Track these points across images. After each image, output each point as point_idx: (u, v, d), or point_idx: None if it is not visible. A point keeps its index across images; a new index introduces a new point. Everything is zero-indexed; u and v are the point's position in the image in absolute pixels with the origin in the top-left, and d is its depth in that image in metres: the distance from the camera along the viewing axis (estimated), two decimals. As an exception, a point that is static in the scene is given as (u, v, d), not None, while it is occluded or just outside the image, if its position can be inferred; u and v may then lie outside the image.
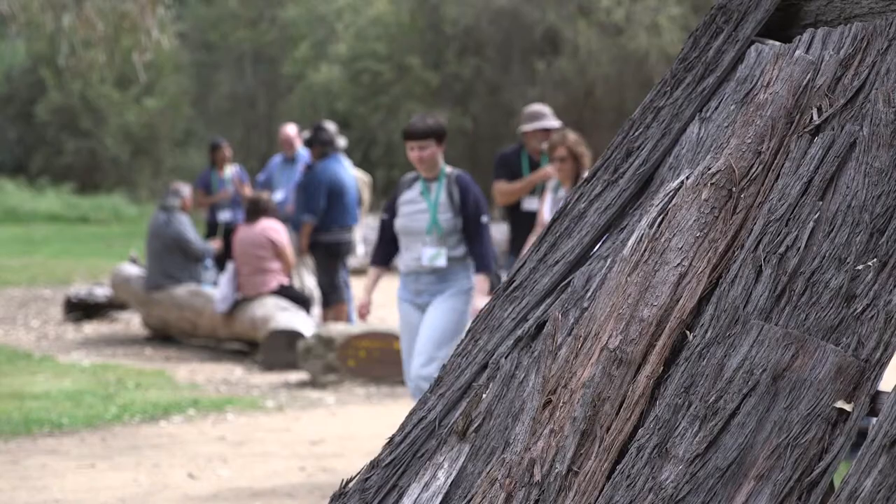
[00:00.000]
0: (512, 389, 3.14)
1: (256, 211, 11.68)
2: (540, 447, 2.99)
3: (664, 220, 3.11)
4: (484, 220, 7.33)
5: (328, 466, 7.53)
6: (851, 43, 3.12)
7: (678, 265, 3.03)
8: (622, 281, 3.08)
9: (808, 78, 3.13)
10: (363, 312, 7.66)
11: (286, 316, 11.09)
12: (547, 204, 8.60)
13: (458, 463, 3.12)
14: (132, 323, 13.78)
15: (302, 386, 10.16)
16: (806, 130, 3.07)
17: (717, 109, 3.25)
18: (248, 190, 13.81)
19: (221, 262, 13.00)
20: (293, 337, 10.80)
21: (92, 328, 13.59)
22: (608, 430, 2.94)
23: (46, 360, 11.35)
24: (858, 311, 2.83)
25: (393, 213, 7.41)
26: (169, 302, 12.28)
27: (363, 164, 24.03)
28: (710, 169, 3.10)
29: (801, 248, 2.92)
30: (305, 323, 11.01)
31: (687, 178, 3.15)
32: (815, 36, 3.19)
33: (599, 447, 2.93)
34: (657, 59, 24.70)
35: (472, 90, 28.34)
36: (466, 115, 28.06)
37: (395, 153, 27.40)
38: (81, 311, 14.01)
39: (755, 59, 3.25)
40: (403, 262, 7.37)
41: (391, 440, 3.22)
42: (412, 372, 7.21)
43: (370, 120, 28.61)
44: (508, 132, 23.49)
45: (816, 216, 2.94)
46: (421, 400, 3.26)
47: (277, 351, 10.90)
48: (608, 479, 2.90)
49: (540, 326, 3.20)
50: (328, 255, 11.69)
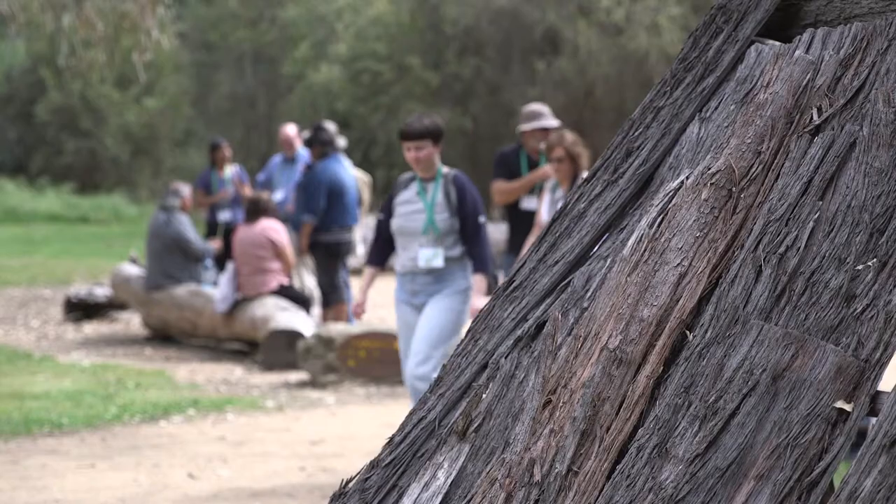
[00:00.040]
0: (512, 389, 3.14)
1: (256, 211, 11.68)
2: (540, 447, 2.99)
3: (664, 220, 3.11)
4: (481, 220, 7.31)
5: (328, 466, 7.53)
6: (851, 43, 3.13)
7: (678, 265, 3.03)
8: (622, 281, 3.08)
9: (808, 78, 3.13)
10: (358, 312, 7.64)
11: (286, 316, 11.09)
12: (545, 204, 8.58)
13: (458, 463, 3.12)
14: (132, 323, 13.78)
15: (302, 386, 10.16)
16: (806, 130, 3.07)
17: (716, 109, 3.26)
18: (247, 190, 13.81)
19: (221, 262, 13.00)
20: (293, 337, 10.80)
21: (92, 328, 13.59)
22: (608, 430, 2.94)
23: (46, 360, 11.35)
24: (858, 311, 2.83)
25: (389, 213, 7.36)
26: (169, 302, 12.28)
27: (363, 164, 24.04)
28: (710, 169, 3.11)
29: (801, 248, 2.92)
30: (305, 323, 11.01)
31: (687, 178, 3.15)
32: (814, 36, 3.19)
33: (599, 447, 2.93)
34: (657, 59, 24.70)
35: (472, 90, 28.34)
36: (466, 115, 28.06)
37: (395, 153, 27.39)
38: (81, 311, 14.01)
39: (755, 59, 3.25)
40: (400, 262, 7.33)
41: (391, 440, 3.22)
42: (407, 371, 7.20)
43: (370, 120, 28.61)
44: (508, 132, 23.47)
45: (816, 216, 2.94)
46: (421, 400, 3.26)
47: (277, 351, 10.90)
48: (608, 479, 2.90)
49: (540, 326, 3.20)
50: (328, 255, 11.69)
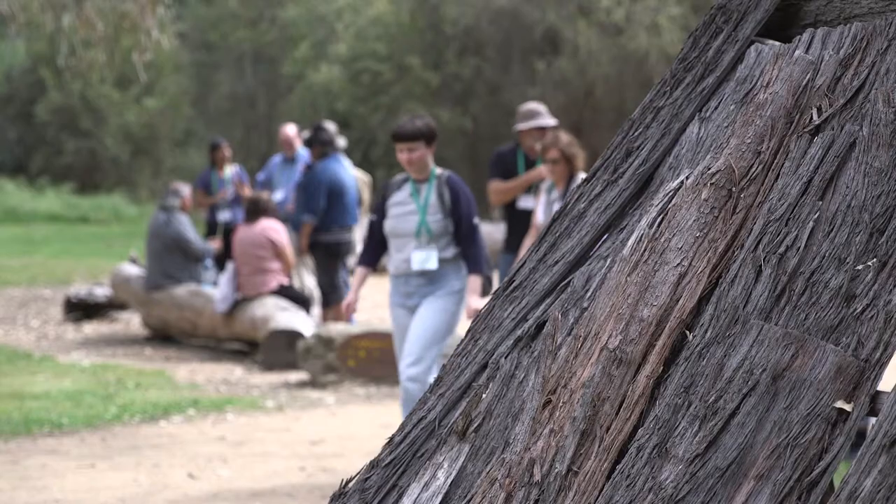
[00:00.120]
0: (512, 389, 3.14)
1: (256, 211, 11.68)
2: (540, 447, 2.99)
3: (664, 220, 3.11)
4: (475, 221, 7.26)
5: (328, 466, 7.53)
6: (851, 43, 3.13)
7: (678, 265, 3.03)
8: (622, 281, 3.08)
9: (807, 78, 3.13)
10: (349, 311, 7.56)
11: (286, 316, 11.09)
12: (540, 205, 8.55)
13: (457, 463, 3.12)
14: (132, 323, 13.78)
15: (302, 386, 10.16)
16: (806, 130, 3.07)
17: (716, 109, 3.26)
18: (247, 190, 13.81)
19: (221, 262, 13.00)
20: (293, 337, 10.80)
21: (92, 328, 13.58)
22: (608, 430, 2.94)
23: (46, 360, 11.35)
24: (858, 311, 2.83)
25: (382, 214, 7.28)
26: (169, 302, 12.28)
27: (363, 164, 24.02)
28: (709, 169, 3.11)
29: (800, 248, 2.92)
30: (305, 323, 11.01)
31: (687, 178, 3.15)
32: (814, 36, 3.19)
33: (599, 447, 2.93)
34: (657, 59, 24.69)
35: (472, 90, 28.33)
36: (466, 115, 28.05)
37: (394, 153, 27.33)
38: (81, 311, 14.01)
39: (755, 59, 3.25)
40: (393, 264, 7.24)
41: (391, 440, 3.22)
42: (399, 371, 7.15)
43: (370, 120, 28.60)
44: (508, 132, 23.42)
45: (816, 216, 2.94)
46: (421, 400, 3.26)
47: (277, 351, 10.90)
48: (608, 479, 2.90)
49: (540, 326, 3.20)
50: (328, 255, 11.69)
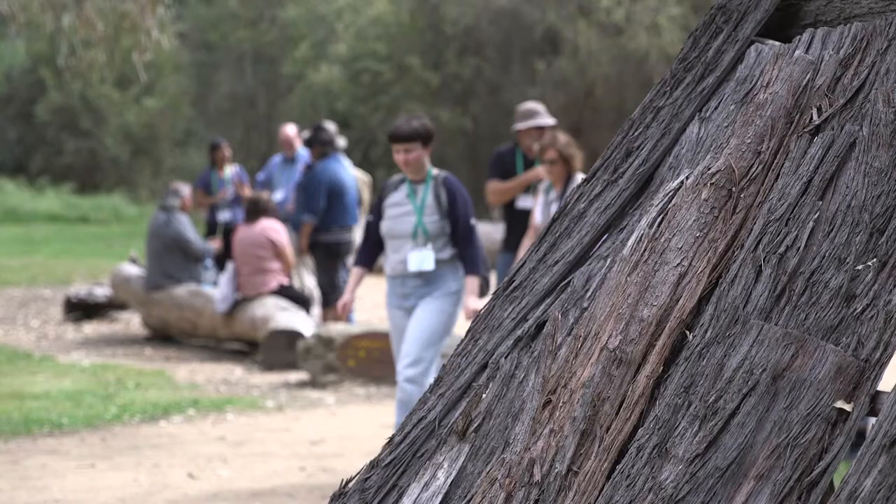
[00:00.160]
0: (512, 389, 3.14)
1: (256, 211, 11.68)
2: (540, 447, 2.99)
3: (664, 219, 3.11)
4: (472, 222, 7.24)
5: (328, 466, 7.53)
6: (851, 43, 3.13)
7: (678, 265, 3.03)
8: (622, 281, 3.08)
9: (807, 78, 3.13)
10: (344, 311, 7.52)
11: (286, 316, 11.09)
12: (538, 206, 8.53)
13: (457, 463, 3.12)
14: (132, 323, 13.78)
15: (302, 386, 10.16)
16: (806, 130, 3.07)
17: (716, 109, 3.26)
18: (247, 190, 13.81)
19: (221, 262, 13.00)
20: (293, 337, 10.80)
21: (92, 328, 13.58)
22: (608, 430, 2.94)
23: (46, 360, 11.34)
24: (858, 311, 2.83)
25: (379, 215, 7.24)
26: (169, 302, 12.28)
27: (363, 164, 24.02)
28: (709, 169, 3.11)
29: (800, 248, 2.92)
30: (305, 323, 11.01)
31: (687, 178, 3.15)
32: (814, 36, 3.19)
33: (599, 447, 2.93)
34: (657, 59, 24.69)
35: (472, 90, 28.33)
36: (466, 115, 28.05)
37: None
38: (81, 311, 14.00)
39: (755, 59, 3.25)
40: (390, 265, 7.21)
41: (391, 440, 3.22)
42: (397, 373, 7.13)
43: (370, 120, 28.59)
44: (508, 132, 23.45)
45: (816, 216, 2.94)
46: (421, 400, 3.26)
47: (277, 351, 10.90)
48: (608, 479, 2.90)
49: (540, 326, 3.20)
50: (328, 255, 11.69)
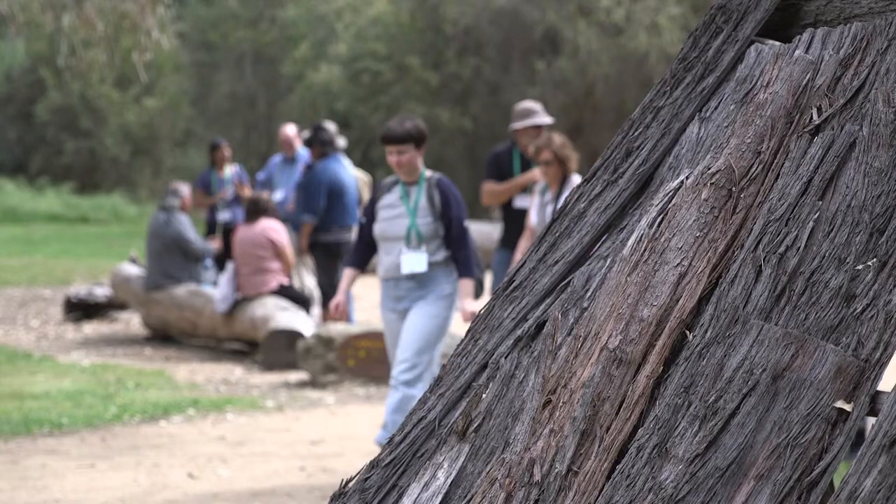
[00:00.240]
0: (512, 389, 3.14)
1: (256, 211, 11.68)
2: (540, 447, 2.99)
3: (664, 219, 3.11)
4: (466, 224, 7.18)
5: (328, 466, 7.53)
6: (851, 43, 3.13)
7: (678, 265, 3.03)
8: (622, 281, 3.08)
9: (807, 78, 3.13)
10: (337, 311, 7.44)
11: (286, 316, 11.09)
12: (534, 207, 8.52)
13: (457, 463, 3.12)
14: (132, 323, 13.78)
15: (302, 386, 10.16)
16: (806, 130, 3.07)
17: (716, 109, 3.26)
18: (247, 190, 13.81)
19: (221, 262, 13.00)
20: (293, 337, 10.80)
21: (92, 328, 13.58)
22: (608, 429, 2.94)
23: (46, 360, 11.34)
24: (858, 311, 2.83)
25: (372, 217, 7.18)
26: (169, 302, 12.28)
27: (363, 164, 24.02)
28: (709, 169, 3.11)
29: (800, 248, 2.92)
30: (305, 323, 11.01)
31: (687, 177, 3.15)
32: (814, 36, 3.19)
33: (599, 447, 2.93)
34: (657, 59, 24.69)
35: (472, 90, 28.34)
36: (466, 115, 28.05)
37: (394, 153, 27.29)
38: (81, 311, 14.00)
39: (755, 58, 3.25)
40: (383, 267, 7.14)
41: (391, 440, 3.22)
42: (393, 377, 7.06)
43: (370, 120, 28.59)
44: (508, 132, 23.45)
45: (816, 216, 2.94)
46: (421, 400, 3.25)
47: (277, 351, 10.90)
48: (608, 479, 2.90)
49: (540, 326, 3.20)
50: (328, 255, 11.69)
